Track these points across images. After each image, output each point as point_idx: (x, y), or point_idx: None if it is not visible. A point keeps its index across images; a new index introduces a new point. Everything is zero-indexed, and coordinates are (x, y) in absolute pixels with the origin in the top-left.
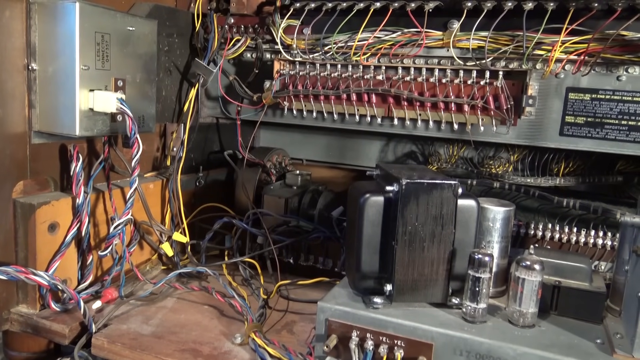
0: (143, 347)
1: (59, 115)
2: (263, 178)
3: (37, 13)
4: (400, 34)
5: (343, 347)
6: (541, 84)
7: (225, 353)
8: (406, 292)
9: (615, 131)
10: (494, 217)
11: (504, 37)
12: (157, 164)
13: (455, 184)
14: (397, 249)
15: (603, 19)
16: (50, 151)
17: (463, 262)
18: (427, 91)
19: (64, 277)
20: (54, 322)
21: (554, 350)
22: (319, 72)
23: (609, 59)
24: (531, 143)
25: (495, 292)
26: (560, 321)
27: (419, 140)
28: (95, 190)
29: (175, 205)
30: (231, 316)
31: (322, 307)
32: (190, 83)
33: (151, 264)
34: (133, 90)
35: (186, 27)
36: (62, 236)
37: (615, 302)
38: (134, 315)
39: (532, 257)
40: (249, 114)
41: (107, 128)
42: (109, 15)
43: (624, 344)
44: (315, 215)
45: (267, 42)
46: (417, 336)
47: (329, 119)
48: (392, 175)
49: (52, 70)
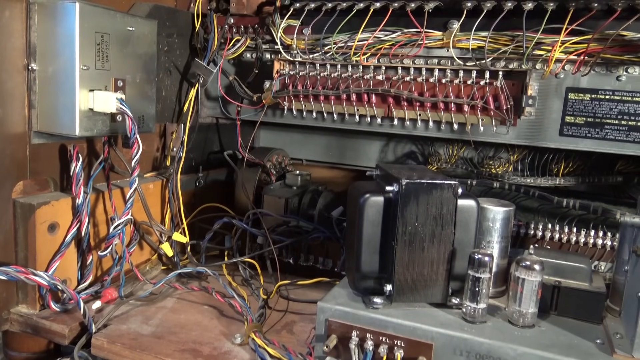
0: (143, 347)
1: (59, 115)
2: (263, 178)
3: (37, 13)
4: (400, 34)
5: (343, 347)
6: (541, 84)
7: (225, 353)
8: (406, 292)
9: (615, 131)
10: (494, 217)
11: (503, 37)
12: (157, 164)
13: (455, 184)
14: (397, 249)
15: (603, 19)
16: (50, 151)
17: (463, 262)
18: (427, 91)
19: (64, 277)
20: (54, 322)
21: (553, 351)
22: (318, 72)
23: (609, 59)
24: (531, 143)
25: (495, 292)
26: (560, 321)
27: (419, 140)
28: (95, 191)
29: (175, 206)
30: (231, 316)
31: (322, 307)
32: (190, 83)
33: (151, 264)
34: (133, 90)
35: (186, 27)
36: (62, 236)
37: (615, 302)
38: (134, 315)
39: (532, 257)
40: (249, 114)
41: (107, 128)
42: (108, 16)
43: (623, 344)
44: (315, 216)
45: (267, 42)
46: (417, 336)
47: (328, 119)
48: (392, 175)
49: (52, 70)
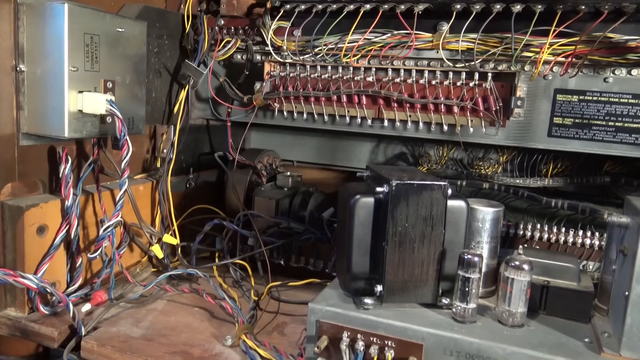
0: (133, 350)
1: (48, 117)
2: (254, 180)
3: (26, 14)
4: (390, 35)
5: (334, 348)
6: (529, 85)
7: (216, 355)
8: (396, 292)
9: (602, 132)
10: (484, 217)
11: (492, 39)
12: (147, 166)
13: (445, 185)
14: (388, 250)
15: (590, 21)
16: (39, 153)
17: (453, 263)
18: (417, 93)
19: (53, 280)
20: (43, 325)
21: (542, 350)
22: (309, 74)
23: (596, 61)
24: (520, 144)
25: (484, 292)
26: (549, 320)
27: (409, 141)
28: (85, 193)
29: (166, 207)
30: (222, 318)
31: (313, 308)
32: (180, 84)
33: (141, 266)
34: (122, 91)
35: (176, 28)
36: (51, 239)
37: (603, 301)
38: (124, 317)
39: (521, 257)
40: (240, 116)
41: (97, 130)
42: (98, 17)
43: (611, 343)
44: (306, 217)
45: (257, 44)
46: (407, 337)
47: (319, 120)
48: (382, 176)
49: (40, 71)
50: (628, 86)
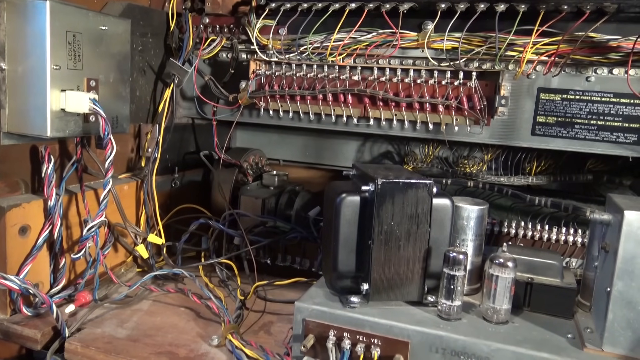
0: (118, 351)
1: (30, 115)
2: (240, 179)
3: (7, 11)
4: (376, 34)
5: (320, 347)
6: (513, 84)
7: (202, 355)
8: (382, 291)
9: (584, 131)
10: (468, 215)
11: (477, 38)
12: (131, 165)
13: (430, 183)
14: (374, 248)
15: (572, 21)
16: (21, 152)
17: (438, 261)
18: (402, 91)
19: (36, 281)
20: (26, 327)
21: (526, 346)
22: (294, 73)
23: (579, 60)
24: (504, 142)
25: (469, 290)
26: (533, 317)
27: (395, 140)
28: (68, 192)
29: (151, 207)
30: (208, 318)
31: (299, 307)
32: (165, 83)
33: (126, 266)
34: (106, 90)
35: (160, 26)
36: (34, 239)
37: (585, 297)
38: (109, 318)
39: (505, 255)
40: (225, 115)
41: (80, 129)
42: (80, 14)
43: (594, 338)
44: (292, 216)
45: (242, 42)
46: (393, 334)
47: (305, 119)
48: (368, 175)
49: (22, 70)
50: (610, 85)
